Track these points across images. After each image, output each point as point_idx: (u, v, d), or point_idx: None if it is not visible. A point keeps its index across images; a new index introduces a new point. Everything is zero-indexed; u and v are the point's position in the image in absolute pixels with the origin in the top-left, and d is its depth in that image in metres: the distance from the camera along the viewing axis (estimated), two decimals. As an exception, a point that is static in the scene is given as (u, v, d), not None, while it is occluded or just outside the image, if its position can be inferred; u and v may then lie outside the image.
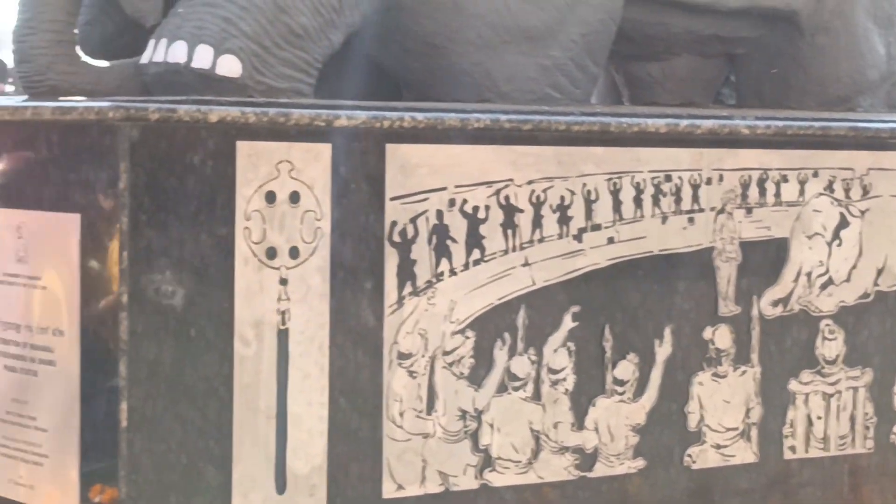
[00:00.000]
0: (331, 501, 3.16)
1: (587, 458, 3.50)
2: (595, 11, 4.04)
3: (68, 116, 3.06)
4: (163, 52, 3.57)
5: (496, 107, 3.67)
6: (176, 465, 2.99)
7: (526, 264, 3.38)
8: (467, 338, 3.32)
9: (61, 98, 3.60)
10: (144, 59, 3.64)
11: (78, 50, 3.71)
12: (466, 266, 3.31)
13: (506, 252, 3.36)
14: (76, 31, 3.73)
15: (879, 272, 3.99)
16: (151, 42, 3.63)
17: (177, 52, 3.54)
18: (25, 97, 3.76)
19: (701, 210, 3.66)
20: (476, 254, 3.32)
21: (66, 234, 3.03)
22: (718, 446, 3.71)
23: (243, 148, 3.03)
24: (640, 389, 3.58)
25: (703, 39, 4.50)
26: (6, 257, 3.16)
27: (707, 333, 3.69)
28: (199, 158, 3.00)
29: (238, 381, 3.05)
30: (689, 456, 3.67)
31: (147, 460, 2.96)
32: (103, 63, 3.77)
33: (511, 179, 3.36)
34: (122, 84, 3.73)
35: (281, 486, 3.10)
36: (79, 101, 3.31)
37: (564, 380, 3.45)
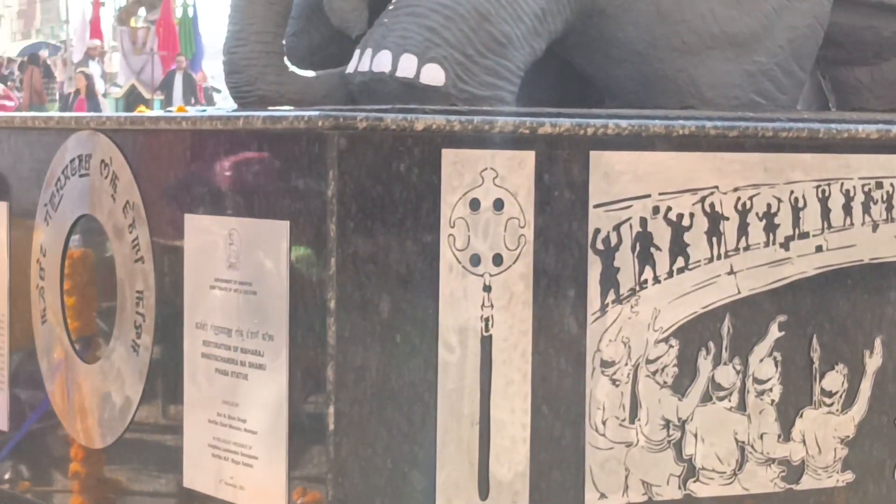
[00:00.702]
0: (533, 507, 3.20)
1: (794, 471, 3.48)
2: (803, 16, 4.01)
3: (278, 125, 3.14)
4: (368, 61, 3.66)
5: (701, 113, 3.67)
6: (381, 468, 3.06)
7: (731, 273, 3.38)
8: (671, 346, 3.33)
9: (270, 108, 3.71)
10: (350, 68, 3.73)
11: (285, 60, 3.82)
12: (670, 274, 3.32)
13: (710, 260, 3.36)
14: (284, 42, 3.83)
15: None
16: (357, 52, 3.72)
17: (382, 62, 3.62)
18: (235, 107, 3.88)
19: (913, 218, 3.62)
20: (680, 262, 3.33)
21: (275, 241, 3.11)
22: (931, 460, 3.67)
23: (448, 155, 3.08)
24: (849, 401, 3.54)
25: (914, 43, 4.44)
26: (218, 263, 3.25)
27: (919, 343, 3.65)
28: (404, 166, 3.06)
29: (442, 386, 3.10)
30: (901, 469, 3.64)
31: (353, 464, 3.03)
32: (310, 73, 3.87)
33: (716, 187, 3.36)
34: (328, 93, 3.83)
35: (484, 492, 3.14)
36: (288, 111, 3.40)
37: (770, 390, 3.44)
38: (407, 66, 3.58)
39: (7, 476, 4.05)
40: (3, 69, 27.99)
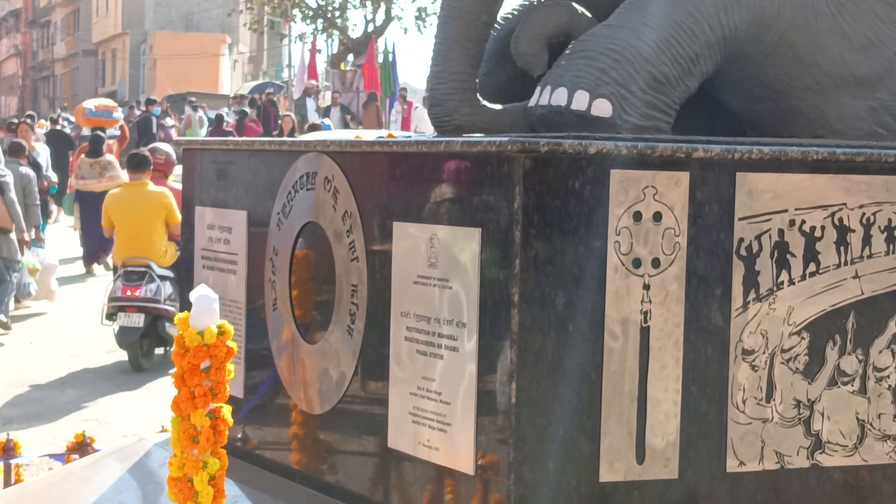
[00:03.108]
0: (682, 472, 3.17)
1: (907, 447, 3.42)
2: (921, 59, 3.94)
3: (474, 149, 3.17)
4: (547, 96, 3.67)
5: (831, 142, 3.62)
6: (554, 436, 3.06)
7: (856, 277, 3.33)
8: (803, 338, 3.28)
9: (466, 134, 3.74)
10: (531, 102, 3.75)
11: (478, 96, 3.85)
12: (803, 277, 3.28)
13: (838, 266, 3.31)
14: (477, 80, 3.87)
15: None
16: (538, 89, 3.74)
17: (559, 97, 3.63)
18: (435, 134, 3.93)
19: None
20: (812, 267, 3.28)
21: (469, 245, 3.14)
22: None
23: (616, 175, 3.08)
24: (956, 388, 3.46)
25: None
26: (420, 263, 3.28)
27: None
28: (579, 184, 3.07)
29: (607, 368, 3.10)
30: None
31: (531, 431, 3.04)
32: (497, 106, 3.90)
33: (844, 204, 3.31)
34: (513, 123, 3.85)
35: (640, 458, 3.13)
36: (482, 137, 3.42)
37: (888, 377, 3.37)
38: (580, 101, 3.59)
39: (240, 435, 4.13)
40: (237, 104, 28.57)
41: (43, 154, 14.94)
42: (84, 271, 14.05)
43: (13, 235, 10.83)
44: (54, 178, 15.20)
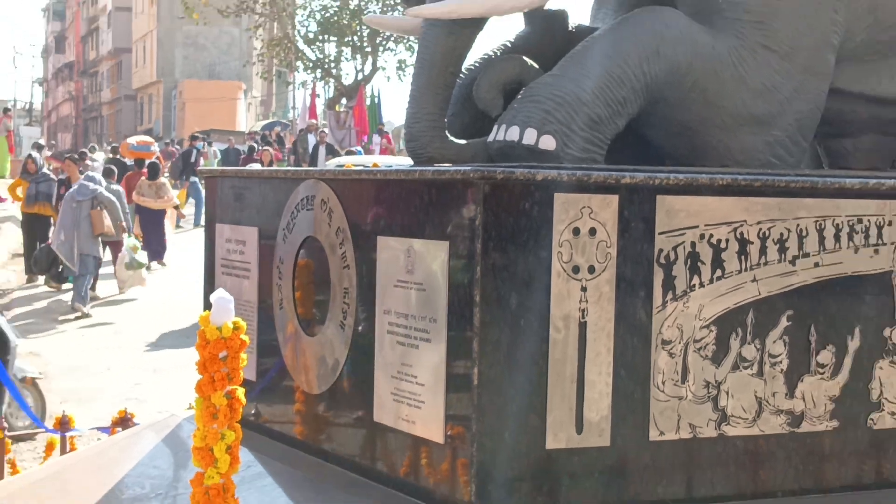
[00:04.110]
0: (613, 440, 3.17)
1: (796, 419, 3.41)
2: (806, 103, 3.95)
3: (443, 177, 3.17)
4: (503, 133, 3.67)
5: (734, 170, 3.63)
6: (509, 412, 3.05)
7: (754, 280, 3.33)
8: (711, 331, 3.28)
9: (436, 165, 3.73)
10: (490, 138, 3.74)
11: (447, 133, 3.85)
12: (711, 281, 3.27)
13: (740, 272, 3.31)
14: (445, 120, 3.86)
15: None
16: (495, 127, 3.73)
17: (512, 134, 3.63)
18: (411, 164, 3.91)
19: (883, 244, 3.52)
20: (718, 272, 3.28)
21: (439, 255, 3.13)
22: (893, 413, 3.56)
23: (559, 198, 3.08)
24: (835, 371, 3.46)
25: (884, 122, 4.34)
26: (399, 269, 3.27)
27: (886, 332, 3.54)
28: (528, 205, 3.06)
29: (552, 356, 3.09)
30: (871, 419, 3.53)
31: (490, 408, 3.03)
32: (462, 141, 3.90)
33: (745, 220, 3.31)
34: (475, 155, 3.84)
35: (579, 429, 3.13)
36: (449, 167, 3.41)
37: (780, 362, 3.37)
38: (529, 137, 3.59)
39: (252, 412, 4.10)
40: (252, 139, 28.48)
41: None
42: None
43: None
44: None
